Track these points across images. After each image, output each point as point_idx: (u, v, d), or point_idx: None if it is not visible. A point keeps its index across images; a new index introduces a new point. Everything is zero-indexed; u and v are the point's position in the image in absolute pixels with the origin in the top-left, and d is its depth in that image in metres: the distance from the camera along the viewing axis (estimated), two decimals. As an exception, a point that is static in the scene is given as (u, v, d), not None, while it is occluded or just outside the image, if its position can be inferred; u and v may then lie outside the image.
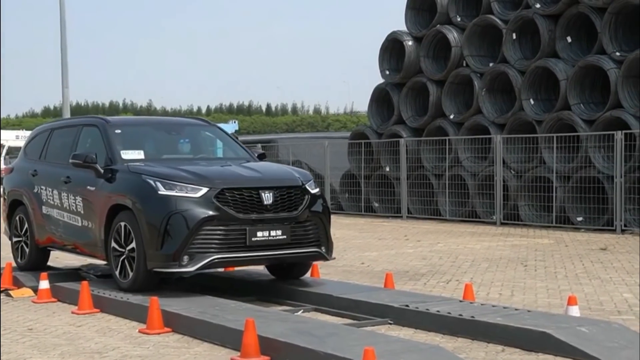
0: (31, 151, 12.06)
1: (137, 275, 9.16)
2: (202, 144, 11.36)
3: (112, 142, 10.19)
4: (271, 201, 9.09)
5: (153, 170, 9.44)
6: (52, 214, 10.88)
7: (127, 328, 8.24)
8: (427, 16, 23.53)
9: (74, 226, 10.38)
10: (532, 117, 19.93)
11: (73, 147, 10.78)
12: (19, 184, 11.84)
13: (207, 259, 8.81)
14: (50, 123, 12.55)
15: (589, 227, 18.11)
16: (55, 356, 7.11)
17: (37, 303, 9.70)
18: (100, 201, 9.76)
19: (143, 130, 11.12)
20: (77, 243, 10.47)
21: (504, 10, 21.38)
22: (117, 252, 9.43)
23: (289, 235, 9.18)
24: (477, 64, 21.55)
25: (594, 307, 9.07)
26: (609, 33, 18.79)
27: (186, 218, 8.83)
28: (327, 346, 6.49)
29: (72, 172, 10.38)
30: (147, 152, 10.28)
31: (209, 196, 8.93)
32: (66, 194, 10.50)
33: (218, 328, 7.47)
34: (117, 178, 9.68)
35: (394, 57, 23.88)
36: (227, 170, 9.74)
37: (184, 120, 12.38)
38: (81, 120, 11.53)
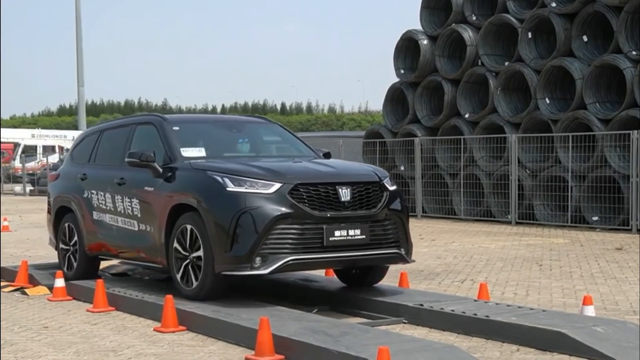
0: (79, 155, 11.37)
1: (204, 281, 8.42)
2: (264, 142, 10.61)
3: (171, 139, 9.51)
4: (349, 198, 8.44)
5: (219, 166, 8.79)
6: (104, 219, 10.16)
7: (142, 326, 8.25)
8: (442, 15, 23.50)
9: (130, 231, 9.65)
10: (547, 116, 19.86)
11: (127, 147, 10.05)
12: (66, 189, 11.12)
13: (282, 261, 8.10)
14: (98, 125, 11.86)
15: (605, 227, 18.05)
16: (70, 354, 7.13)
17: (53, 301, 9.73)
18: (159, 202, 9.07)
19: (202, 127, 10.44)
20: (133, 249, 9.69)
21: (520, 9, 21.32)
22: (180, 256, 8.73)
23: (368, 235, 8.49)
24: (493, 63, 21.49)
25: (609, 307, 9.04)
26: (625, 32, 18.71)
27: (258, 216, 8.13)
28: (341, 345, 6.49)
29: (127, 173, 9.72)
30: (208, 149, 9.56)
31: (282, 192, 8.24)
32: (120, 197, 9.80)
33: (232, 327, 7.48)
34: (178, 176, 9.00)
35: (409, 56, 23.85)
36: (299, 165, 9.10)
37: (244, 117, 11.57)
38: (134, 119, 10.69)
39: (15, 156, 50.34)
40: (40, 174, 41.43)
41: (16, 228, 19.89)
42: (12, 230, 19.13)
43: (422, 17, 23.62)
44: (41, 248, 15.47)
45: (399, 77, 23.98)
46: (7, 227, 19.16)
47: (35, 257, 13.91)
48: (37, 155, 49.79)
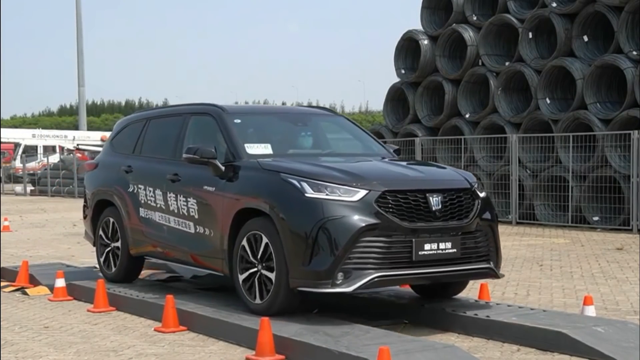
0: (120, 144, 10.49)
1: (276, 296, 7.58)
2: (331, 137, 9.72)
3: (233, 133, 8.62)
4: (440, 207, 7.57)
5: (294, 167, 7.86)
6: (153, 217, 9.35)
7: (143, 326, 8.25)
8: (442, 15, 23.52)
9: (185, 233, 8.83)
10: (548, 116, 19.86)
11: (179, 139, 9.24)
12: (107, 182, 10.26)
13: (367, 278, 7.22)
14: (142, 112, 10.83)
15: (605, 227, 18.04)
16: (70, 354, 7.13)
17: (53, 301, 9.73)
18: (222, 204, 8.23)
19: (265, 120, 9.54)
20: (187, 252, 8.89)
21: (520, 9, 21.33)
22: (246, 265, 7.92)
23: (459, 248, 7.65)
24: (493, 63, 21.50)
25: (610, 307, 9.04)
26: (625, 32, 18.71)
27: (342, 227, 7.24)
28: (342, 345, 6.49)
29: (182, 169, 8.90)
30: (272, 146, 8.73)
31: (368, 200, 7.36)
32: (174, 195, 8.95)
33: (233, 327, 7.47)
34: (244, 177, 8.12)
35: (409, 56, 23.87)
36: (383, 168, 8.25)
37: (308, 109, 10.46)
38: (188, 108, 9.66)
39: (16, 156, 50.34)
40: (41, 173, 41.43)
41: (17, 228, 19.90)
42: (12, 231, 19.14)
43: (422, 17, 23.63)
44: (42, 248, 15.49)
45: (400, 77, 23.99)
46: (7, 227, 19.16)
47: (36, 257, 13.91)
48: (38, 155, 49.79)
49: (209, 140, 8.71)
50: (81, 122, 62.79)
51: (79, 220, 22.29)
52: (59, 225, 20.81)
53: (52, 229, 19.77)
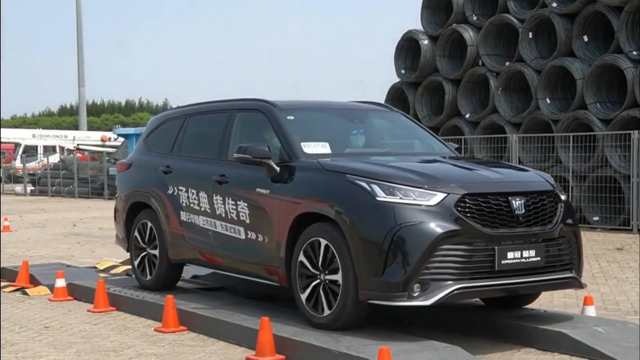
0: (156, 143, 9.83)
1: (342, 309, 6.92)
2: (389, 134, 9.13)
3: (288, 131, 7.98)
4: (523, 211, 6.96)
5: (361, 168, 7.22)
6: (197, 221, 8.69)
7: (143, 326, 8.25)
8: (442, 15, 23.51)
9: (233, 239, 8.18)
10: (548, 116, 19.86)
11: (225, 137, 8.63)
12: (143, 183, 9.62)
13: (446, 290, 6.61)
14: (179, 108, 10.12)
15: (605, 227, 18.04)
16: (71, 354, 7.14)
17: (53, 301, 9.73)
18: (278, 208, 7.58)
19: (319, 116, 8.87)
20: (236, 260, 8.25)
21: (520, 9, 21.32)
22: (307, 274, 7.27)
23: (543, 256, 7.03)
24: (493, 63, 21.50)
25: (610, 307, 9.04)
26: (625, 32, 18.71)
27: (419, 234, 6.62)
28: (342, 345, 6.49)
29: (229, 169, 8.29)
30: (330, 144, 8.06)
31: (447, 204, 6.74)
32: (221, 198, 8.30)
33: (233, 327, 7.47)
34: (304, 179, 7.47)
35: (409, 56, 23.86)
36: (459, 169, 7.62)
37: (363, 104, 9.70)
38: (233, 104, 8.96)
39: (16, 156, 50.35)
40: (41, 174, 41.42)
41: (17, 228, 19.89)
42: (12, 231, 19.14)
43: (422, 17, 23.62)
44: (42, 248, 15.49)
45: (400, 77, 23.98)
46: (7, 227, 19.16)
47: (36, 257, 13.91)
48: (38, 156, 49.80)
49: (258, 139, 8.14)
50: (81, 122, 62.87)
51: (79, 220, 22.30)
52: (59, 225, 20.81)
53: (52, 229, 19.77)
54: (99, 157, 44.82)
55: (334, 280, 6.99)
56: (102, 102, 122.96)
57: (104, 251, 14.77)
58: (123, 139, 40.37)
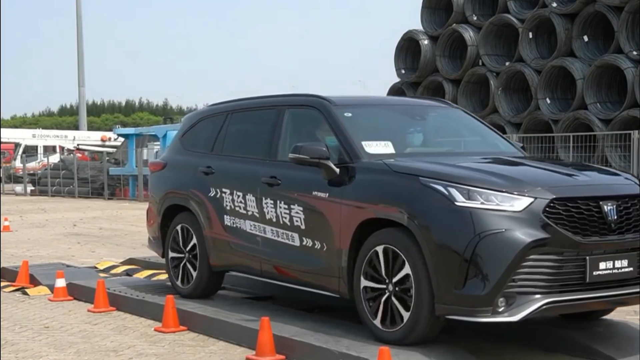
0: (193, 141, 9.26)
1: (414, 323, 6.35)
2: (451, 132, 8.50)
3: (347, 130, 7.34)
4: (615, 217, 6.30)
5: (435, 169, 6.59)
6: (242, 226, 8.08)
7: (143, 326, 8.25)
8: (443, 15, 23.55)
9: (286, 245, 7.55)
10: (548, 116, 19.87)
11: (274, 136, 8.00)
12: (181, 184, 8.99)
13: (535, 305, 6.04)
14: (219, 104, 9.35)
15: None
16: (71, 354, 7.13)
17: (53, 301, 9.72)
18: (339, 213, 6.96)
19: (378, 113, 8.23)
20: (290, 268, 7.62)
21: (521, 9, 21.35)
22: (372, 287, 6.70)
23: (636, 266, 6.38)
24: (493, 63, 21.52)
25: (610, 307, 9.01)
26: (625, 32, 18.74)
27: (505, 243, 6.02)
28: (342, 345, 6.48)
29: (281, 170, 7.68)
30: (393, 143, 7.41)
31: (534, 210, 6.13)
32: (272, 201, 7.66)
33: (233, 327, 7.47)
34: (369, 181, 6.86)
35: (409, 56, 23.90)
36: (543, 170, 6.92)
37: (423, 100, 8.86)
38: (282, 100, 8.31)
39: (16, 156, 50.37)
40: (41, 174, 41.44)
41: (17, 228, 19.88)
42: (12, 231, 19.12)
43: (423, 17, 23.66)
44: (42, 248, 15.48)
45: (400, 77, 24.01)
46: (7, 227, 19.15)
47: (36, 257, 13.90)
48: (38, 156, 49.82)
49: (311, 137, 7.63)
50: (81, 122, 62.86)
51: (79, 220, 22.30)
52: (59, 225, 20.80)
53: (52, 229, 19.76)
54: (99, 157, 44.83)
55: (405, 292, 6.41)
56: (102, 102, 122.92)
57: (104, 251, 14.77)
58: (123, 139, 40.32)
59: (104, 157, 41.19)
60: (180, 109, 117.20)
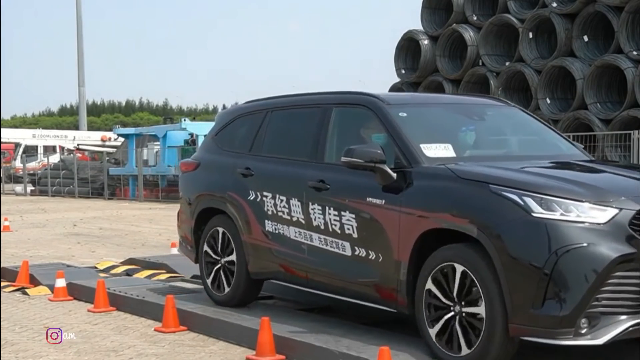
0: (230, 140, 8.73)
1: (486, 346, 5.81)
2: (510, 133, 7.91)
3: (403, 131, 6.79)
4: None
5: (507, 176, 6.06)
6: (286, 232, 7.54)
7: (143, 326, 8.25)
8: (443, 15, 23.55)
9: (336, 255, 6.99)
10: (548, 116, 19.86)
11: (320, 136, 7.45)
12: (217, 186, 8.48)
13: (621, 326, 5.56)
14: (257, 101, 8.79)
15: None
16: (71, 354, 7.13)
17: (53, 301, 9.72)
18: (398, 222, 6.41)
19: (434, 113, 7.65)
20: (340, 279, 7.04)
21: (521, 9, 21.35)
22: (437, 304, 6.15)
23: None
24: (493, 63, 21.52)
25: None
26: (625, 32, 18.74)
27: (588, 258, 5.52)
28: (343, 345, 6.48)
29: (329, 174, 7.14)
30: (453, 146, 6.86)
31: (620, 222, 5.60)
32: (319, 207, 7.12)
33: (233, 327, 7.47)
34: (430, 188, 6.33)
35: (409, 56, 23.90)
36: (624, 177, 6.26)
37: (478, 98, 8.40)
38: (327, 98, 7.78)
39: (16, 156, 50.38)
40: (41, 174, 41.46)
41: (17, 228, 19.88)
42: (12, 231, 19.12)
43: (423, 17, 23.66)
44: (42, 248, 15.49)
45: (400, 77, 24.01)
46: (7, 227, 19.15)
47: (36, 257, 13.90)
48: (38, 156, 49.84)
49: (361, 139, 7.15)
50: (81, 122, 62.89)
51: (79, 220, 22.30)
52: (59, 225, 20.80)
53: (52, 229, 19.76)
54: (99, 157, 44.84)
55: (475, 313, 5.89)
56: (102, 102, 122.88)
57: (104, 251, 14.77)
58: (123, 139, 40.34)
59: (104, 157, 41.20)
60: (180, 109, 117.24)
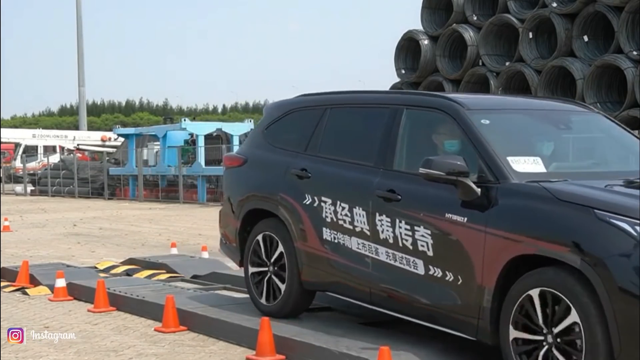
0: (281, 136, 8.03)
1: None
2: (599, 144, 7.21)
3: (488, 141, 6.10)
4: None
5: (615, 201, 5.42)
6: (347, 243, 6.89)
7: (143, 326, 8.25)
8: (443, 15, 23.53)
9: (407, 273, 6.37)
10: (548, 116, 19.87)
11: (389, 140, 6.78)
12: (267, 186, 7.80)
13: None
14: (316, 95, 8.16)
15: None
16: (71, 354, 7.13)
17: (53, 301, 9.72)
18: (482, 243, 5.78)
19: (518, 120, 6.85)
20: (409, 299, 6.43)
21: (521, 9, 21.35)
22: (528, 340, 5.54)
23: None
24: (493, 63, 21.51)
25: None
26: (625, 32, 18.73)
27: None
28: (342, 345, 6.48)
29: (400, 183, 6.52)
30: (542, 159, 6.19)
31: None
32: (388, 219, 6.49)
33: (233, 327, 7.47)
34: (522, 208, 5.68)
35: (409, 56, 23.88)
36: None
37: (562, 104, 7.61)
38: (397, 98, 7.20)
39: (16, 156, 50.40)
40: (41, 174, 41.47)
41: (17, 228, 19.89)
42: (12, 230, 19.13)
43: (423, 17, 23.64)
44: (42, 248, 15.49)
45: (400, 77, 24.00)
46: (7, 227, 19.16)
47: (36, 257, 13.90)
48: (38, 156, 49.85)
49: (433, 145, 6.60)
50: (81, 122, 62.91)
51: (79, 220, 22.31)
52: (59, 225, 20.81)
53: (52, 229, 19.77)
54: (99, 157, 44.86)
55: (571, 346, 5.31)
56: (102, 102, 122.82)
57: (104, 251, 14.77)
58: (123, 139, 40.37)
59: (104, 157, 41.23)
60: (180, 109, 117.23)
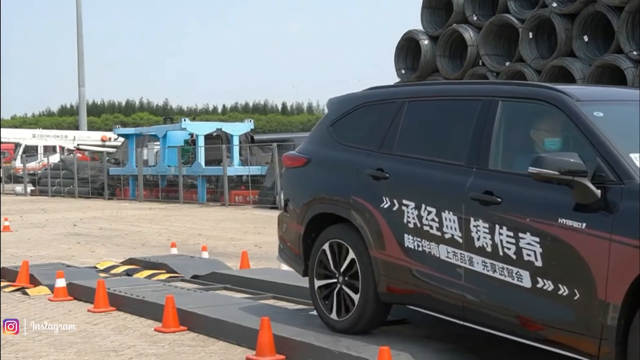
0: (351, 133, 7.32)
1: None
2: None
3: (605, 137, 5.44)
4: None
5: None
6: (434, 252, 6.23)
7: (143, 326, 8.25)
8: (443, 15, 23.53)
9: (508, 285, 5.70)
10: (548, 116, 19.88)
11: (482, 136, 6.11)
12: (337, 188, 7.09)
13: None
14: (390, 88, 7.51)
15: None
16: (71, 354, 7.14)
17: (53, 301, 9.72)
18: (606, 253, 5.10)
19: (633, 113, 5.94)
20: (513, 316, 5.75)
21: (521, 9, 21.35)
22: None
23: None
24: (494, 63, 21.51)
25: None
26: (626, 32, 18.74)
27: None
28: (342, 345, 6.49)
29: (498, 184, 5.85)
30: None
31: None
32: (485, 225, 5.84)
33: (233, 327, 7.47)
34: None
35: (409, 56, 23.88)
36: None
37: None
38: (489, 89, 6.50)
39: (16, 156, 50.39)
40: (41, 174, 41.46)
41: (17, 228, 19.90)
42: (13, 230, 19.14)
43: (423, 17, 23.64)
44: (42, 248, 15.49)
45: (400, 77, 23.99)
46: (7, 227, 19.16)
47: (36, 257, 13.91)
48: (38, 156, 49.84)
49: (531, 142, 6.00)
50: (81, 122, 62.89)
51: (79, 220, 22.30)
52: (59, 225, 20.81)
53: (52, 229, 19.77)
54: (99, 157, 44.85)
55: None
56: (102, 102, 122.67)
57: (104, 251, 14.78)
58: (123, 139, 40.36)
59: (104, 157, 41.22)
60: (180, 109, 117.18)
